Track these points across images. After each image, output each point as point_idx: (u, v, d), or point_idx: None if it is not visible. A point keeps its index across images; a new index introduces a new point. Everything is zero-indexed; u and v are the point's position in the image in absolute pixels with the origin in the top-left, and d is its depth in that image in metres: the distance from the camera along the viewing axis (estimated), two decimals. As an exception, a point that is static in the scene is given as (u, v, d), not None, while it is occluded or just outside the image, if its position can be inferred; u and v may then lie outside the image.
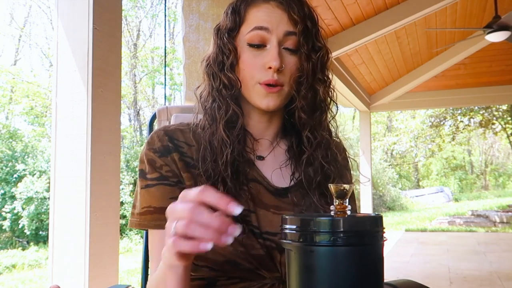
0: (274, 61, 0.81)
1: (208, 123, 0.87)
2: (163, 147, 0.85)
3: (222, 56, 0.86)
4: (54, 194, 1.64)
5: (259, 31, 0.83)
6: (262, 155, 0.91)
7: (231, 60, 0.85)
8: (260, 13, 0.85)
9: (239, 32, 0.87)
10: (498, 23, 4.09)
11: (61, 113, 1.66)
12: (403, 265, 5.14)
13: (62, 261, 1.59)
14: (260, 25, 0.83)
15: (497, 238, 7.34)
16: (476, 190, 20.19)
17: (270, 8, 0.85)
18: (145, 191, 0.84)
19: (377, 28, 4.63)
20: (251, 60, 0.84)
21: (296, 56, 0.86)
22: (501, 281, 4.26)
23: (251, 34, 0.84)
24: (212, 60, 0.88)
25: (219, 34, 0.88)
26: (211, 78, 0.87)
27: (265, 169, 0.89)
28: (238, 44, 0.86)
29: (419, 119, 17.90)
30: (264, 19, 0.84)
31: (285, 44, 0.84)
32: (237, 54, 0.86)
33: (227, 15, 0.88)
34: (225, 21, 0.88)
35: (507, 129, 15.99)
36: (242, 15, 0.86)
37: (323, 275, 0.40)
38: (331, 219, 0.41)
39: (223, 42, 0.86)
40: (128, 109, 14.63)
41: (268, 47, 0.84)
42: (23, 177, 9.56)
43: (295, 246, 0.42)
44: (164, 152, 0.85)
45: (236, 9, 0.87)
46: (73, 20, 1.65)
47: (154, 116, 1.24)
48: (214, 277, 0.81)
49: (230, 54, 0.85)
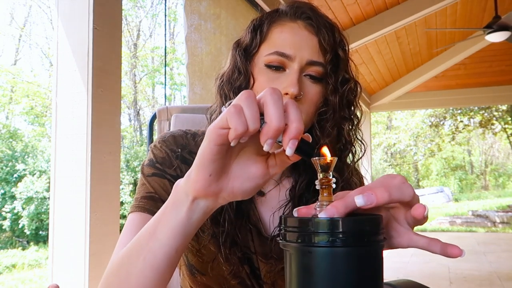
0: (292, 87, 0.72)
1: None
2: (179, 152, 0.79)
3: (237, 76, 0.79)
4: (54, 194, 1.64)
5: (279, 57, 0.75)
6: (263, 190, 0.82)
7: (245, 82, 0.78)
8: (284, 35, 0.76)
9: (258, 51, 0.79)
10: (498, 23, 4.09)
11: (61, 113, 1.66)
12: (403, 265, 5.14)
13: (62, 261, 1.59)
14: (281, 51, 0.74)
15: (497, 238, 7.34)
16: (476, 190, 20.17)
17: (297, 28, 0.76)
18: (151, 179, 0.77)
19: (377, 28, 4.63)
20: (267, 83, 0.76)
21: (319, 86, 0.77)
22: (501, 281, 4.26)
23: (271, 58, 0.75)
24: (226, 78, 0.80)
25: (237, 51, 0.80)
26: (222, 99, 0.80)
27: (264, 208, 0.81)
28: (255, 63, 0.79)
29: (418, 118, 17.90)
30: (288, 44, 0.75)
31: (307, 70, 0.76)
32: (253, 76, 0.78)
33: (248, 32, 0.80)
34: (245, 38, 0.80)
35: (507, 129, 15.99)
36: (264, 32, 0.78)
37: (322, 276, 0.40)
38: (330, 220, 0.41)
39: (239, 62, 0.79)
40: (128, 109, 14.63)
41: (287, 72, 0.75)
42: (23, 177, 9.56)
43: (293, 247, 0.42)
44: (180, 158, 0.79)
45: (258, 26, 0.79)
46: (73, 20, 1.65)
47: (154, 116, 1.24)
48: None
49: (245, 76, 0.78)
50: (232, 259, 0.78)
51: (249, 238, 0.79)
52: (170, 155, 0.78)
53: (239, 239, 0.77)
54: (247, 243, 0.79)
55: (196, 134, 0.83)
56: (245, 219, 0.78)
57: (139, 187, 0.78)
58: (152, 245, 0.55)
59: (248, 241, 0.79)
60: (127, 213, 0.77)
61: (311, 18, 0.77)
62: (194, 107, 1.23)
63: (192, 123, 1.14)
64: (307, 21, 0.77)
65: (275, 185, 0.83)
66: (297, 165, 0.81)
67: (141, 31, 15.55)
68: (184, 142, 0.81)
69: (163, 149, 0.79)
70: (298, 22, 0.77)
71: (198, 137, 0.83)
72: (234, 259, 0.78)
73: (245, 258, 0.79)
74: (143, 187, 0.76)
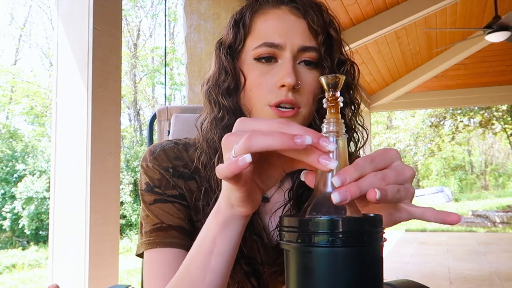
0: (288, 78, 0.66)
1: (208, 158, 0.73)
2: (173, 168, 0.75)
3: (224, 77, 0.72)
4: (54, 194, 1.64)
5: (268, 48, 0.68)
6: (267, 196, 0.77)
7: (234, 82, 0.72)
8: (269, 24, 0.69)
9: (244, 46, 0.72)
10: (498, 23, 4.09)
11: (61, 113, 1.66)
12: (403, 265, 5.14)
13: (62, 261, 1.59)
14: (270, 41, 0.68)
15: (497, 238, 7.34)
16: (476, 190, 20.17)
17: (282, 15, 0.70)
18: (154, 207, 0.72)
19: (377, 28, 4.64)
20: (259, 78, 0.69)
21: (315, 72, 0.70)
22: (501, 281, 4.26)
23: (259, 51, 0.69)
24: (213, 81, 0.74)
25: (221, 50, 0.74)
26: (212, 105, 0.73)
27: (267, 215, 0.76)
28: (243, 60, 0.72)
29: (418, 118, 17.90)
30: (275, 32, 0.68)
31: (301, 57, 0.69)
32: (243, 74, 0.71)
33: (229, 28, 0.74)
34: (228, 34, 0.74)
35: (507, 129, 15.99)
36: (247, 25, 0.72)
37: (322, 276, 0.40)
38: (330, 220, 0.41)
39: (224, 61, 0.72)
40: (128, 109, 14.63)
41: (280, 62, 0.69)
42: (23, 177, 9.56)
43: (293, 246, 0.42)
44: (175, 173, 0.74)
45: (240, 19, 0.73)
46: (73, 20, 1.65)
47: (154, 116, 1.24)
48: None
49: (233, 75, 0.72)
50: (237, 276, 0.74)
51: (255, 249, 0.75)
52: (164, 174, 0.74)
53: (244, 253, 0.74)
54: (253, 255, 0.75)
55: (188, 144, 0.78)
56: (250, 230, 0.74)
57: (144, 218, 0.74)
58: (214, 263, 0.55)
59: (255, 252, 0.75)
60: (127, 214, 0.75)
61: (295, 1, 0.71)
62: (194, 107, 1.23)
63: (192, 123, 1.13)
64: (291, 4, 0.70)
65: (276, 189, 0.78)
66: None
67: (141, 31, 15.56)
68: (176, 154, 0.76)
69: (156, 169, 0.74)
70: (281, 7, 0.70)
71: (190, 147, 0.78)
72: (238, 276, 0.74)
73: (251, 271, 0.75)
74: (148, 219, 0.73)
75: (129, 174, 10.28)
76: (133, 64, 14.63)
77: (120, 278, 1.95)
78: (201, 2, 2.70)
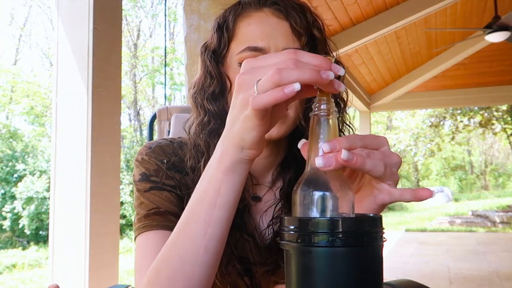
0: None
1: (196, 162, 0.73)
2: (169, 162, 0.75)
3: (209, 82, 0.73)
4: (54, 194, 1.64)
5: (252, 52, 0.68)
6: (258, 195, 0.78)
7: (219, 87, 0.72)
8: (252, 28, 0.70)
9: (229, 50, 0.73)
10: (498, 23, 4.09)
11: (61, 113, 1.66)
12: (403, 265, 5.14)
13: (62, 261, 1.59)
14: (253, 45, 0.68)
15: (497, 238, 7.34)
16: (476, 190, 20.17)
17: (264, 17, 0.70)
18: (150, 194, 0.73)
19: (377, 28, 4.64)
20: None
21: None
22: (501, 281, 4.26)
23: (243, 55, 0.69)
24: (199, 86, 0.75)
25: (206, 55, 0.74)
26: (198, 109, 0.74)
27: (258, 215, 0.77)
28: (228, 65, 0.73)
29: (418, 118, 17.91)
30: (258, 35, 0.69)
31: None
32: (228, 78, 0.72)
33: (214, 32, 0.74)
34: (212, 39, 0.75)
35: (507, 129, 15.99)
36: (230, 29, 0.72)
37: (322, 276, 0.40)
38: (330, 220, 0.41)
39: (209, 66, 0.73)
40: (128, 109, 14.63)
41: None
42: (23, 177, 9.57)
43: (293, 247, 0.42)
44: (172, 167, 0.75)
45: (223, 24, 0.73)
46: (73, 20, 1.65)
47: (154, 116, 1.24)
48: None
49: (218, 80, 0.72)
50: (230, 276, 0.74)
51: (248, 249, 0.75)
52: (161, 165, 0.74)
53: (236, 252, 0.74)
54: (245, 254, 0.75)
55: (182, 143, 0.79)
56: (242, 230, 0.74)
57: (137, 206, 0.73)
58: (217, 216, 0.54)
59: (247, 252, 0.75)
60: (127, 214, 0.75)
61: (278, 3, 0.71)
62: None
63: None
64: (273, 6, 0.70)
65: (267, 190, 0.79)
66: (287, 165, 0.79)
67: (141, 31, 15.56)
68: (171, 151, 0.77)
69: (153, 160, 0.75)
70: (264, 10, 0.70)
71: (185, 146, 0.78)
72: (231, 275, 0.74)
73: (244, 270, 0.75)
74: (142, 206, 0.72)
75: (129, 174, 10.28)
76: (133, 64, 14.63)
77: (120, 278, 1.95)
78: (201, 2, 2.70)
